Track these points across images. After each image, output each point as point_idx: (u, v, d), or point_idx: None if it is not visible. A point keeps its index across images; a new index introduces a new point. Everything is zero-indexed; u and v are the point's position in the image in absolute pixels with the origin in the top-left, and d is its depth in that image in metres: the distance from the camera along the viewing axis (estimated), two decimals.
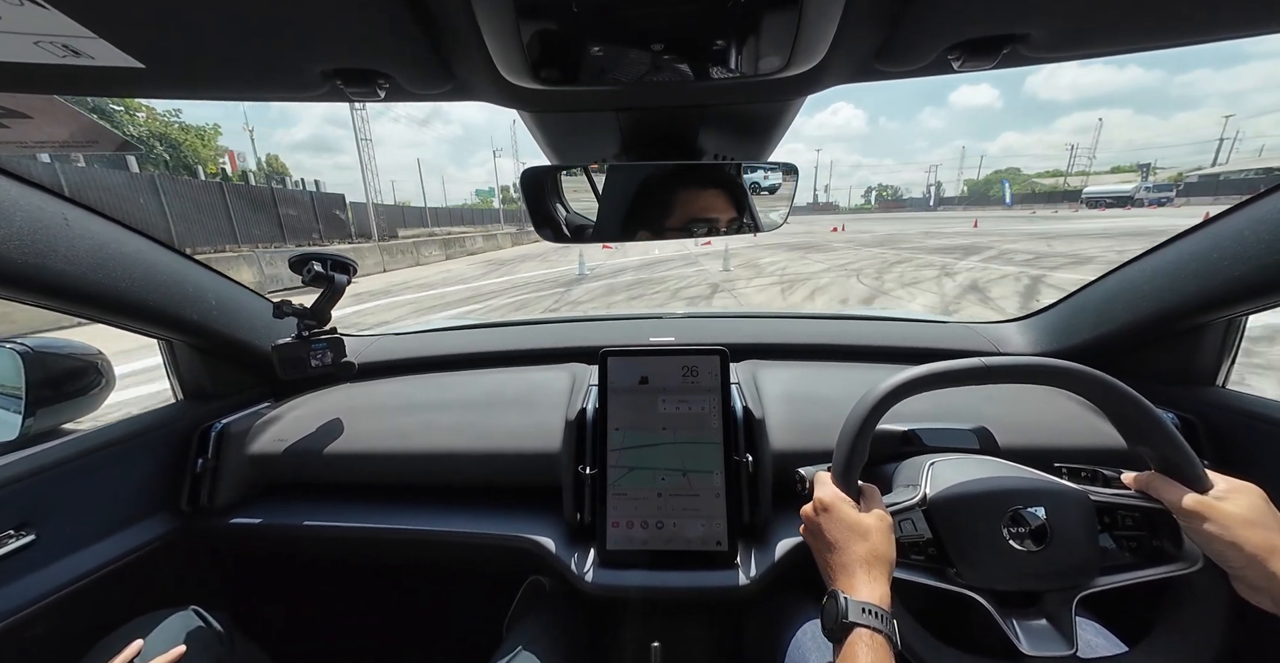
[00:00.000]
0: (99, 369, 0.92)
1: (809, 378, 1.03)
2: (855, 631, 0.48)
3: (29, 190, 0.66)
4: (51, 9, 0.34)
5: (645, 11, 0.36)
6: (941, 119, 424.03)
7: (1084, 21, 0.43)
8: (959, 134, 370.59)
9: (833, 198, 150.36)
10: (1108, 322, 0.96)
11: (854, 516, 0.56)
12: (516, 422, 0.95)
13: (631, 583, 0.77)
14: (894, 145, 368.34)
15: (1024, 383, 0.59)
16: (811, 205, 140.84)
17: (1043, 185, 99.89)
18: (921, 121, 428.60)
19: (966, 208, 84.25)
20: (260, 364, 1.02)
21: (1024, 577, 0.58)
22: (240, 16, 0.38)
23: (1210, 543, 0.50)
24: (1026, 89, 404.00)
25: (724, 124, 0.67)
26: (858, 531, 0.54)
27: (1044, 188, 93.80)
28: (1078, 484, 0.61)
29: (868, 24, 0.42)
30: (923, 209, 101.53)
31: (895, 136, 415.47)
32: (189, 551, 0.93)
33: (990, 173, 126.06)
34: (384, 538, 0.88)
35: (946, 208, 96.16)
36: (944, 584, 0.59)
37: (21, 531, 0.72)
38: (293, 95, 0.51)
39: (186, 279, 0.89)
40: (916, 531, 0.62)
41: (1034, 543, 0.57)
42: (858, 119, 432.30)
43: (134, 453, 0.87)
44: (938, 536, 0.61)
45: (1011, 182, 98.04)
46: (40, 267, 0.66)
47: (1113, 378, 0.57)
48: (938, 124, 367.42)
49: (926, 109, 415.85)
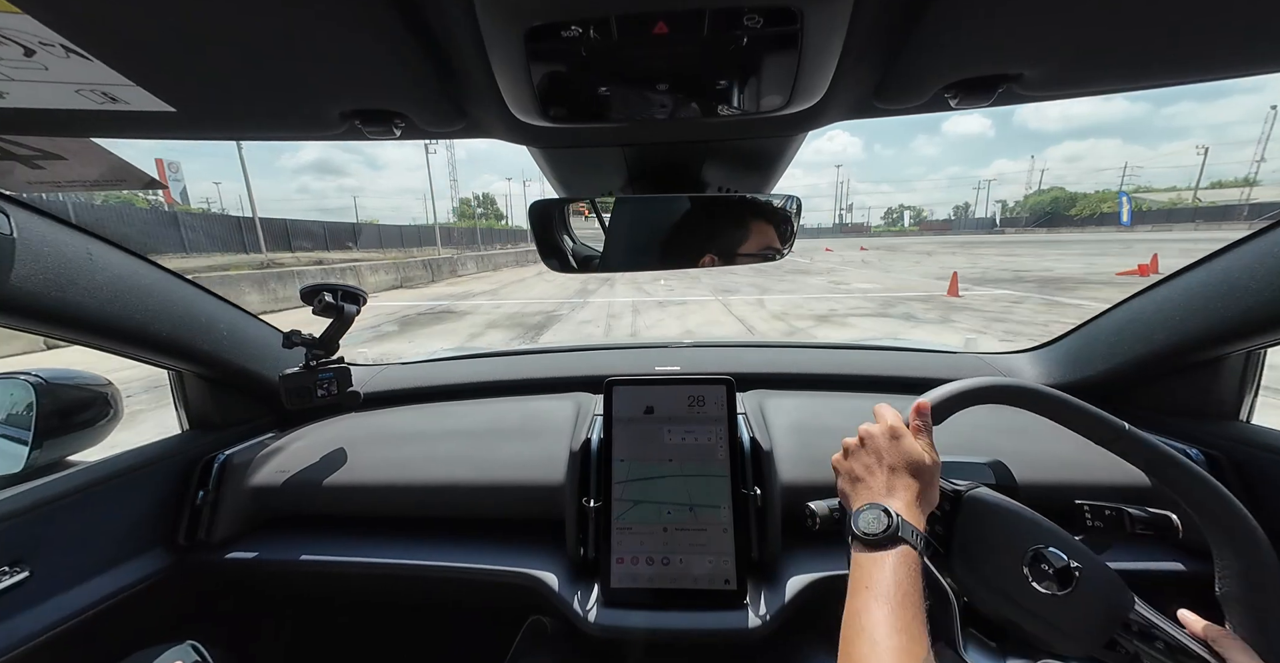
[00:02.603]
0: (108, 400, 0.93)
1: (818, 408, 1.01)
2: (900, 546, 0.47)
3: (57, 227, 0.69)
4: (94, 60, 0.36)
5: (650, 52, 0.38)
6: (936, 146, 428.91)
7: (1075, 62, 0.44)
8: (951, 161, 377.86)
9: (860, 218, 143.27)
10: (1120, 354, 0.95)
11: (922, 453, 0.55)
12: (519, 452, 0.93)
13: (636, 624, 0.74)
14: (890, 171, 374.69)
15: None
16: (838, 227, 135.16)
17: (1155, 202, 76.47)
18: (916, 148, 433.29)
19: (1050, 230, 69.53)
20: (267, 394, 1.02)
21: (1030, 617, 0.52)
22: (265, 63, 0.40)
23: None
24: (1017, 120, 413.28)
25: (727, 158, 0.69)
26: (922, 467, 0.54)
27: (1160, 204, 72.91)
28: (1101, 525, 0.58)
29: (866, 64, 0.44)
30: (975, 230, 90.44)
31: (891, 163, 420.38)
32: (186, 585, 0.90)
33: (1033, 193, 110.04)
34: (381, 573, 0.85)
35: (1016, 230, 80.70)
36: (931, 565, 0.57)
37: (15, 567, 0.70)
38: (314, 135, 0.54)
39: (200, 310, 0.90)
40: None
41: (1058, 586, 0.52)
42: (854, 146, 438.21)
43: (135, 485, 0.87)
44: (950, 527, 0.58)
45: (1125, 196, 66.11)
46: (62, 301, 0.67)
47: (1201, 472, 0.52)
48: (932, 151, 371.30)
49: (920, 137, 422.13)
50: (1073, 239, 38.12)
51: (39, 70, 0.38)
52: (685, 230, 0.75)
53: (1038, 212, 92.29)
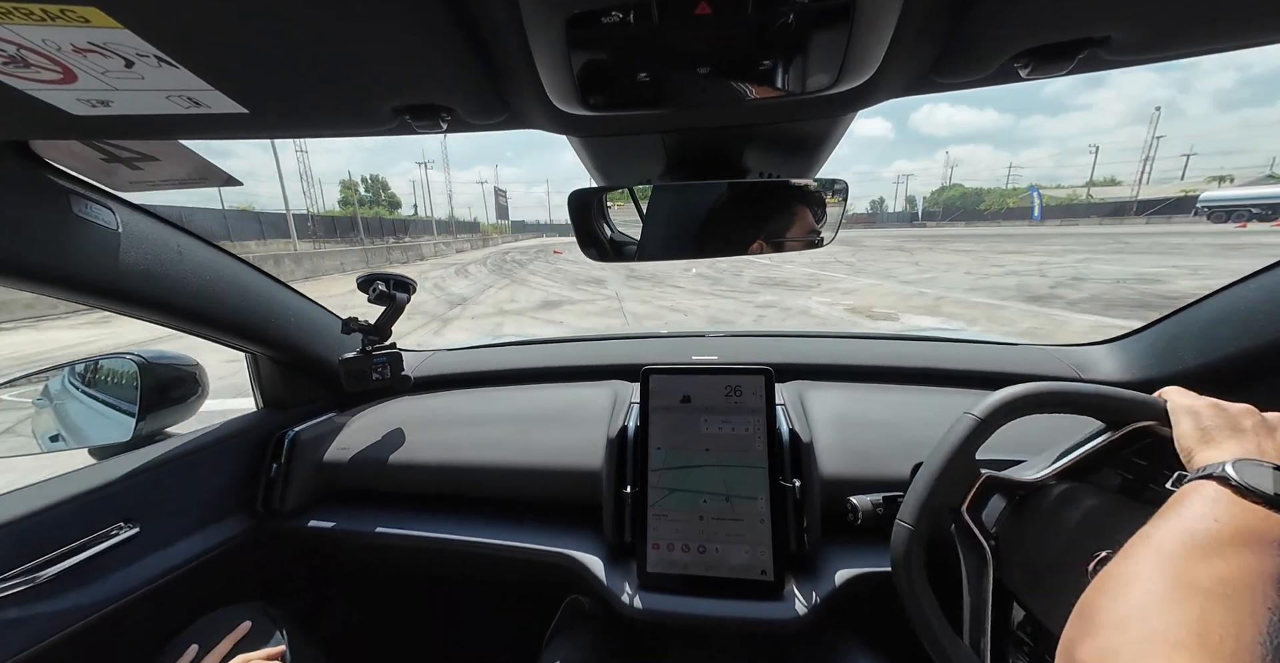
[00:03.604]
0: (196, 379, 1.03)
1: (862, 401, 0.97)
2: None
3: (153, 222, 0.77)
4: (180, 68, 0.40)
5: (691, 35, 0.37)
6: (846, 146, 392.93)
7: (1171, 20, 0.39)
8: (859, 160, 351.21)
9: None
10: (1217, 347, 0.85)
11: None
12: (560, 437, 0.96)
13: (674, 609, 0.75)
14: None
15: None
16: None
17: (1055, 198, 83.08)
18: None
19: (968, 224, 68.17)
20: (328, 376, 1.10)
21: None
22: (325, 65, 0.43)
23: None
24: (912, 124, 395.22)
25: (770, 142, 0.67)
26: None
27: (1060, 200, 78.28)
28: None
29: (925, 36, 0.41)
30: (896, 223, 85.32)
31: None
32: (261, 550, 1.00)
33: (935, 190, 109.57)
34: (431, 547, 0.91)
35: (936, 224, 76.56)
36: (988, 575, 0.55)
37: (128, 523, 0.80)
38: (367, 130, 0.57)
39: (272, 298, 0.98)
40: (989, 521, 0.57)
41: None
42: None
43: (221, 456, 0.96)
44: (1035, 619, 0.55)
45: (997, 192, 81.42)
46: (156, 291, 0.75)
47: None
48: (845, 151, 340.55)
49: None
50: (1007, 234, 34.13)
51: (137, 79, 0.42)
52: (726, 218, 0.74)
53: (951, 206, 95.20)
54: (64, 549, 0.72)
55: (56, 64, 0.39)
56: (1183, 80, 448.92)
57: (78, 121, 0.49)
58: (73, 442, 0.96)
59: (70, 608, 0.71)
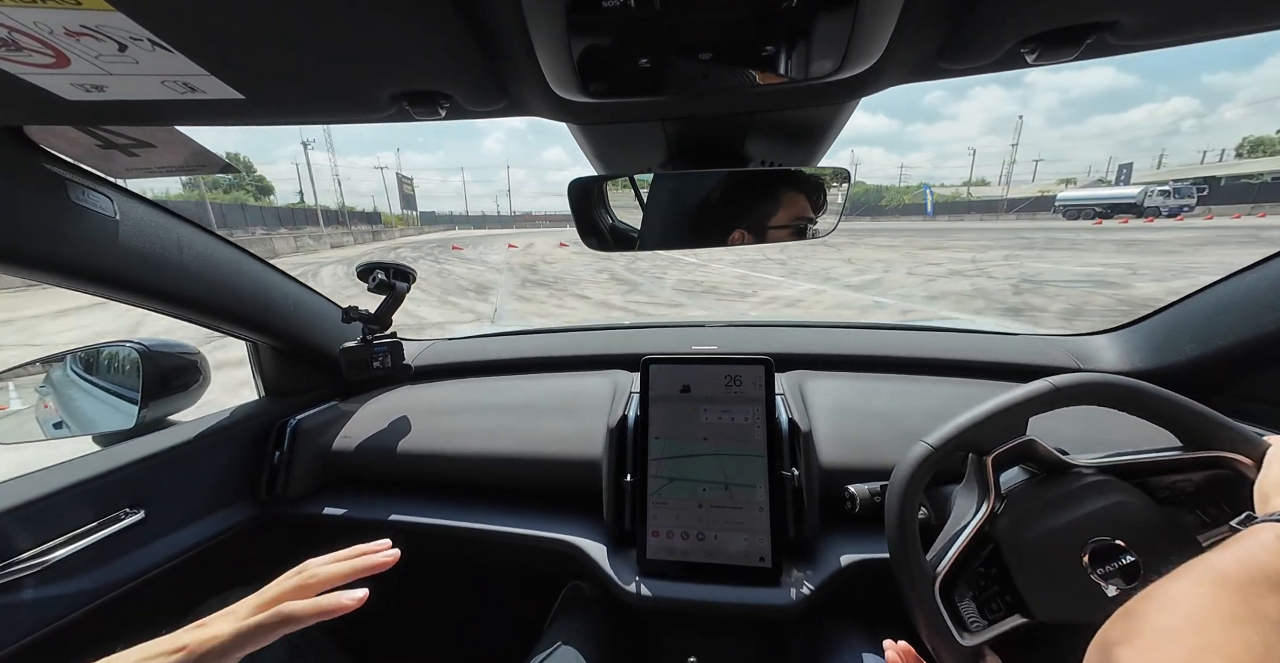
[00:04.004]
0: (198, 368, 1.04)
1: (860, 391, 0.98)
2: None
3: (153, 211, 0.76)
4: (175, 52, 0.39)
5: (693, 20, 0.36)
6: None
7: (1181, 4, 0.38)
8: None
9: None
10: (1216, 338, 0.85)
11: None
12: (559, 427, 0.97)
13: (674, 595, 0.76)
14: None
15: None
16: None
17: (941, 196, 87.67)
18: None
19: (874, 219, 68.94)
20: (328, 364, 1.11)
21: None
22: (323, 50, 0.42)
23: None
24: None
25: (772, 130, 0.66)
26: None
27: (945, 198, 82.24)
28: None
29: (931, 20, 0.40)
30: None
31: None
32: (265, 536, 1.01)
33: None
34: (434, 534, 0.92)
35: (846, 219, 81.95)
36: (1007, 623, 0.53)
37: (134, 508, 0.81)
38: (365, 117, 0.56)
39: (273, 287, 0.98)
40: (978, 558, 0.57)
41: (1124, 581, 0.51)
42: None
43: (225, 443, 0.97)
44: (1003, 566, 0.55)
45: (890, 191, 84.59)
46: (157, 279, 0.75)
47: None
48: None
49: None
50: (913, 229, 35.16)
51: (131, 64, 0.41)
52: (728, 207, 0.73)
53: (857, 202, 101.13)
54: (73, 533, 0.73)
55: (49, 47, 0.39)
56: (1025, 97, 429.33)
57: (72, 107, 0.48)
58: (76, 429, 0.96)
59: (80, 590, 0.72)
